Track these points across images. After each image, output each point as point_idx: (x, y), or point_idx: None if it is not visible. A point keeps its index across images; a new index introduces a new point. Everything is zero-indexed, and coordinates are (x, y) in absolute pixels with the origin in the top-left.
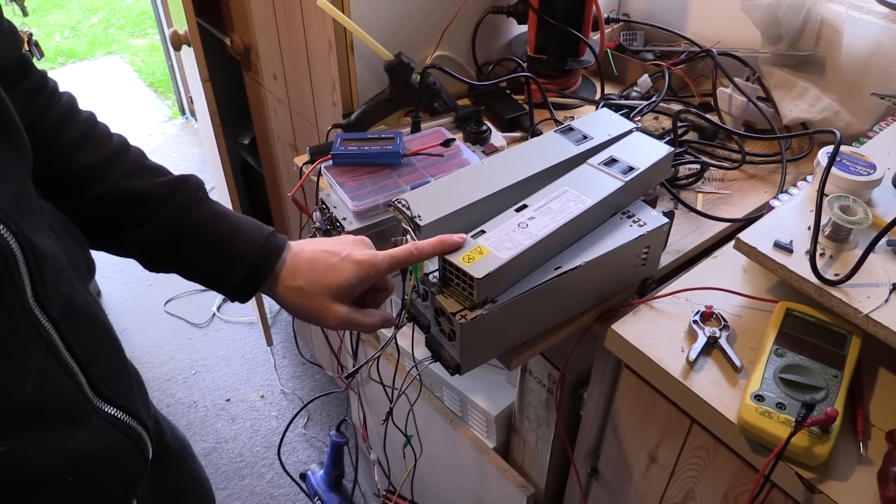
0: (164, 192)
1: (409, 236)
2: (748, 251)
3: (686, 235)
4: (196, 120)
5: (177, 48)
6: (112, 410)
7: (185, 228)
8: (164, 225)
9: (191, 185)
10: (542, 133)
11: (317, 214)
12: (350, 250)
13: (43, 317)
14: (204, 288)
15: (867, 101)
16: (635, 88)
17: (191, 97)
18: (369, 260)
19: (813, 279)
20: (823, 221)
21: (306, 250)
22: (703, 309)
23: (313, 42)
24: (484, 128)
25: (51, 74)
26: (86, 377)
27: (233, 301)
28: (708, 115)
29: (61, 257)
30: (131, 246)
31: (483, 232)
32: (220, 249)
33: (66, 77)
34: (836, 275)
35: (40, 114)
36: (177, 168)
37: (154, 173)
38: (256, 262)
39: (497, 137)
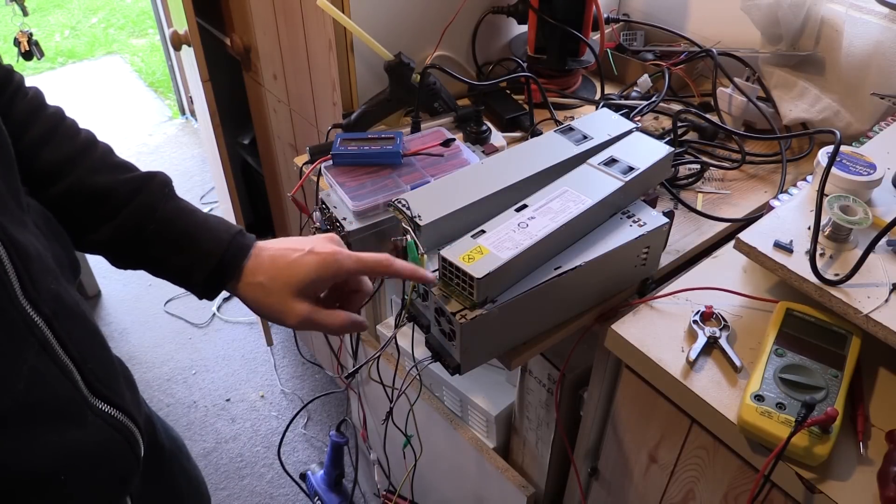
0: (130, 189)
1: (409, 236)
2: (748, 251)
3: (686, 235)
4: (196, 120)
5: (177, 48)
6: (106, 408)
7: (151, 225)
8: (130, 221)
9: (157, 182)
10: (542, 133)
11: (317, 214)
12: (313, 245)
13: (35, 314)
14: None
15: (867, 101)
16: (635, 88)
17: (191, 97)
18: (332, 254)
19: (813, 279)
20: (823, 221)
21: (269, 248)
22: (703, 309)
23: (313, 42)
24: (484, 128)
25: (51, 74)
26: (81, 374)
27: (200, 299)
28: (708, 115)
29: (47, 256)
30: (97, 243)
31: (483, 232)
32: (187, 247)
33: (66, 77)
34: (836, 275)
35: (5, 109)
36: (177, 168)
37: (120, 170)
38: (223, 259)
39: (497, 137)
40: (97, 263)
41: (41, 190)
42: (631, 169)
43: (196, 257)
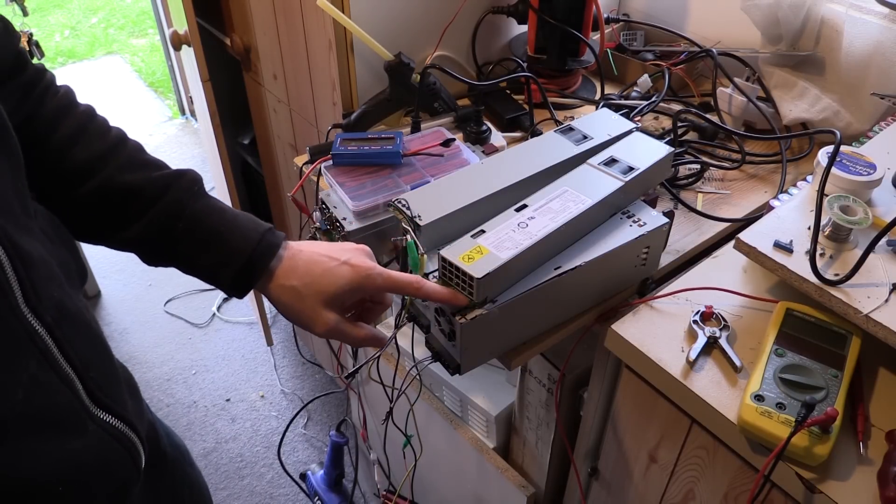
0: (160, 187)
1: (409, 236)
2: (748, 251)
3: (686, 235)
4: (196, 120)
5: (177, 48)
6: (107, 417)
7: (180, 223)
8: (159, 219)
9: (186, 180)
10: (542, 133)
11: (317, 214)
12: (349, 256)
13: (36, 322)
14: (204, 288)
15: (867, 101)
16: (635, 88)
17: (191, 97)
18: (367, 269)
19: (813, 279)
20: (823, 221)
21: (305, 251)
22: (703, 309)
23: (313, 42)
24: (484, 128)
25: None
26: (82, 383)
27: (230, 296)
28: (708, 115)
29: (52, 262)
30: (127, 240)
31: (483, 232)
32: (215, 245)
33: (66, 77)
34: (836, 275)
35: (35, 108)
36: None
37: (151, 167)
38: (251, 258)
39: (497, 137)
40: (97, 263)
41: (72, 188)
42: (631, 169)
43: (224, 256)
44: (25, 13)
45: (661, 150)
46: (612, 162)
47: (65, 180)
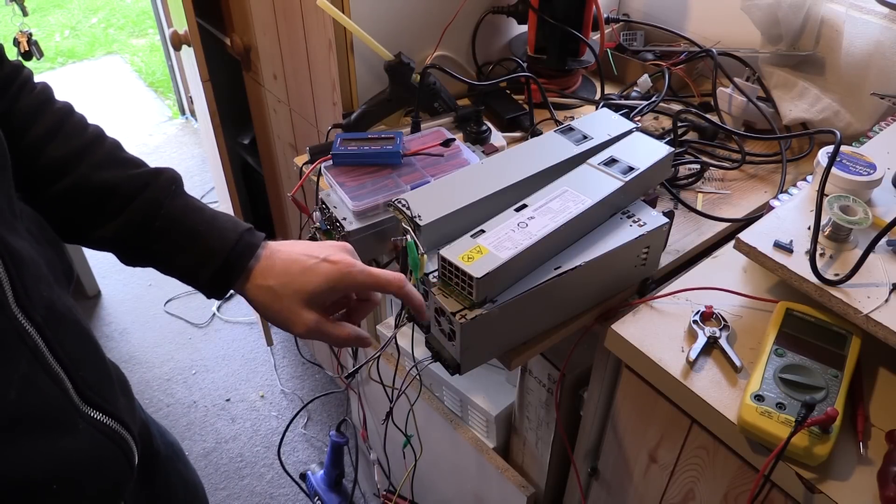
0: (136, 185)
1: (409, 236)
2: (748, 251)
3: (686, 235)
4: (196, 120)
5: (177, 48)
6: (98, 416)
7: (156, 222)
8: (135, 218)
9: (164, 178)
10: (542, 133)
11: (317, 214)
12: (328, 254)
13: (27, 322)
14: None
15: (867, 101)
16: (635, 88)
17: (191, 97)
18: (347, 266)
19: (813, 279)
20: (823, 221)
21: (283, 251)
22: (703, 309)
23: (313, 42)
24: (484, 128)
25: (51, 74)
26: (72, 383)
27: (208, 297)
28: (708, 115)
29: (40, 262)
30: (103, 239)
31: (483, 231)
32: (193, 244)
33: (66, 77)
34: (836, 275)
35: (11, 104)
36: (177, 168)
37: (128, 165)
38: (229, 258)
39: (497, 137)
40: (97, 263)
41: (47, 185)
42: (631, 169)
43: (201, 256)
44: (25, 13)
45: (661, 150)
46: (612, 162)
47: (40, 177)
